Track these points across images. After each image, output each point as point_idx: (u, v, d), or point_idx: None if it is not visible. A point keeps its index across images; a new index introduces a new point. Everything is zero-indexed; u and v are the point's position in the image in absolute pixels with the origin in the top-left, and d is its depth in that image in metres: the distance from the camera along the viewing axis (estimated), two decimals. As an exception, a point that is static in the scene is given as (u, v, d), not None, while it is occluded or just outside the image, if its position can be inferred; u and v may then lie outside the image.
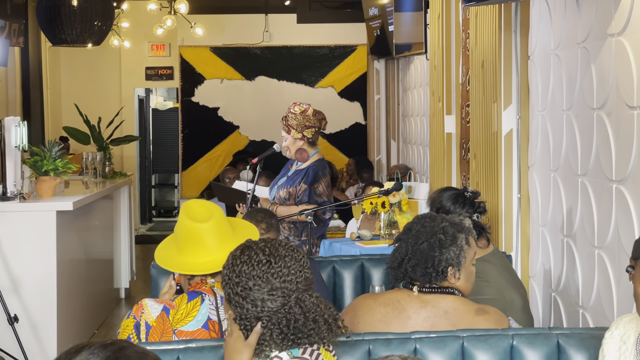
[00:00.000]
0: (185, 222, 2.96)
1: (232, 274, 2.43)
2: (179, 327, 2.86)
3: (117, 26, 11.25)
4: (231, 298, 2.43)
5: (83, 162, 8.02)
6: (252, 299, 2.39)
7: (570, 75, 4.15)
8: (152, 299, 2.93)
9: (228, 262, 2.47)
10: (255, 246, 2.46)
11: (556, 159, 4.37)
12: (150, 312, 2.87)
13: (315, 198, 5.41)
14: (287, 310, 2.39)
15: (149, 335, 2.85)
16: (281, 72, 11.16)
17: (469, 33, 5.57)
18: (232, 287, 2.42)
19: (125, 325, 2.89)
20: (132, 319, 2.88)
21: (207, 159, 11.25)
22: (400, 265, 2.98)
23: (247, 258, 2.43)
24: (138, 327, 2.86)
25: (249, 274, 2.40)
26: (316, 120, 5.49)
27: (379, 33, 9.18)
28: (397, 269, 2.99)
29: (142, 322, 2.86)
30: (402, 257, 2.97)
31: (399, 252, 2.99)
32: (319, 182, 5.43)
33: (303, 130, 5.45)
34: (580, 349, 2.87)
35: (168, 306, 2.89)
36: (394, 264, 3.00)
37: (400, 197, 5.27)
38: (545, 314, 4.60)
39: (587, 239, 3.94)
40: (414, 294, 2.96)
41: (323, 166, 5.52)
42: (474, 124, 5.45)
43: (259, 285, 2.39)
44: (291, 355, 2.37)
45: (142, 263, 10.45)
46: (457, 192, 3.84)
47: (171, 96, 15.52)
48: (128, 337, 2.86)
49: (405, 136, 9.14)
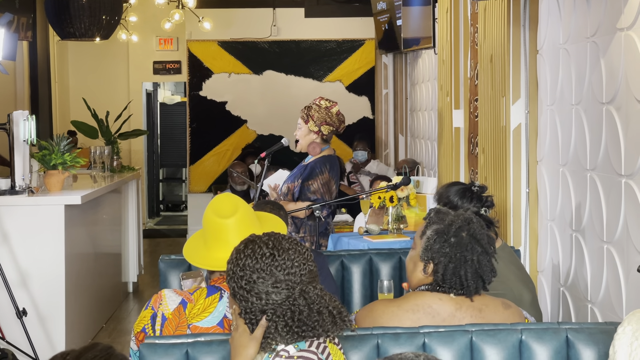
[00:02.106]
0: (210, 217, 2.95)
1: (236, 267, 2.44)
2: (194, 322, 2.85)
3: (125, 20, 11.25)
4: (236, 292, 2.44)
5: (91, 156, 8.03)
6: (256, 292, 2.40)
7: (579, 70, 4.14)
8: (171, 290, 2.92)
9: (232, 256, 2.48)
10: (259, 240, 2.47)
11: (565, 154, 4.36)
12: (168, 304, 2.86)
13: (308, 195, 5.35)
14: (292, 302, 2.40)
15: (164, 327, 2.84)
16: (289, 67, 11.14)
17: (478, 27, 5.56)
18: (237, 281, 2.43)
19: (143, 316, 2.88)
20: (150, 309, 2.87)
21: (214, 153, 11.25)
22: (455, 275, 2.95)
23: (251, 252, 2.44)
24: (154, 318, 2.86)
25: (253, 267, 2.41)
26: (337, 121, 5.48)
27: (387, 27, 9.17)
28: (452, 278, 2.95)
29: (159, 314, 2.85)
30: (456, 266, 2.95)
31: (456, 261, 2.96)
32: (315, 179, 5.39)
33: (321, 125, 5.43)
34: (589, 343, 2.87)
35: (186, 299, 2.88)
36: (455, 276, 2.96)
37: (408, 192, 5.26)
38: (553, 309, 4.59)
39: (596, 233, 3.93)
40: (451, 296, 2.94)
41: (325, 163, 5.45)
42: (483, 119, 5.44)
43: (263, 278, 2.40)
44: (298, 348, 2.37)
45: (150, 257, 10.47)
46: (465, 187, 3.83)
47: (179, 90, 15.52)
48: (143, 328, 2.85)
49: (413, 131, 9.13)
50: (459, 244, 2.93)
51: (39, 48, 10.63)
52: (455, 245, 2.93)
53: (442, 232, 2.97)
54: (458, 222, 2.97)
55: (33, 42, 10.19)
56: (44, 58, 10.96)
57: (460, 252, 2.92)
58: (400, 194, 5.24)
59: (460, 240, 2.93)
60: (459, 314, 2.91)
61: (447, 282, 2.92)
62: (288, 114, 10.51)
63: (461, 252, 2.92)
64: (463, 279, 2.91)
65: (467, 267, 2.90)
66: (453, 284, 2.92)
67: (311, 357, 2.34)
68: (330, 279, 4.10)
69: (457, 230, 2.95)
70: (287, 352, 2.36)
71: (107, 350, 2.00)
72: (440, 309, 2.91)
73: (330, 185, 5.46)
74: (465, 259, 2.91)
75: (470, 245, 2.92)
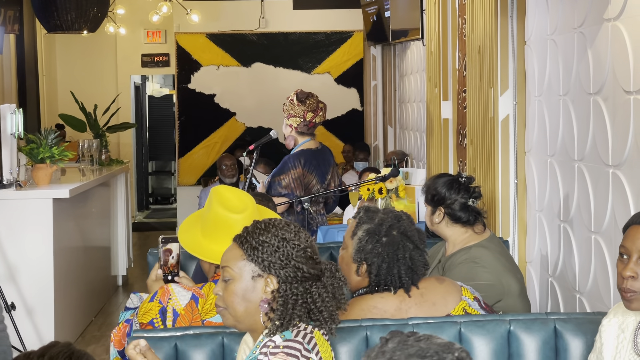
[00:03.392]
0: (218, 211, 2.91)
1: (274, 239, 2.41)
2: (208, 317, 2.83)
3: (112, 13, 11.22)
4: (272, 264, 2.40)
5: (79, 149, 8.01)
6: (294, 261, 2.40)
7: (566, 61, 4.14)
8: (178, 285, 2.89)
9: (264, 233, 2.43)
10: (277, 222, 2.47)
11: (553, 144, 4.36)
12: (179, 300, 2.84)
13: (278, 189, 5.29)
14: (330, 275, 2.44)
15: (176, 323, 2.82)
16: (277, 59, 11.13)
17: (465, 18, 5.56)
18: (282, 248, 2.40)
19: (148, 309, 2.85)
20: (158, 303, 2.84)
21: (204, 145, 11.24)
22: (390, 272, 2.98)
23: (285, 224, 2.45)
24: (164, 312, 2.83)
25: (295, 237, 2.43)
26: (301, 111, 5.39)
27: (375, 19, 9.16)
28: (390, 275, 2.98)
29: (169, 309, 2.83)
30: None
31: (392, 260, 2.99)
32: (286, 173, 5.30)
33: (290, 118, 5.41)
34: (578, 333, 2.88)
35: (197, 294, 2.85)
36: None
37: (397, 183, 5.26)
38: (542, 299, 4.61)
39: (584, 224, 3.94)
40: (387, 293, 2.97)
41: (298, 158, 5.34)
42: (471, 110, 5.44)
43: (301, 245, 2.43)
44: (284, 338, 2.36)
45: (139, 250, 10.46)
46: (452, 178, 3.84)
47: (167, 83, 15.49)
48: (151, 321, 2.83)
49: (402, 122, 9.13)
50: (390, 243, 2.95)
51: (26, 41, 10.59)
52: (387, 244, 2.95)
53: (374, 232, 2.98)
54: (388, 221, 2.99)
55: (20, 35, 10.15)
56: (31, 51, 10.92)
57: (392, 251, 2.94)
58: (389, 185, 5.25)
59: (392, 239, 2.95)
60: (404, 306, 2.93)
61: (382, 281, 2.95)
62: (277, 107, 10.43)
63: (394, 251, 2.94)
64: (396, 277, 2.93)
65: (400, 264, 2.93)
66: (389, 282, 2.95)
67: (297, 346, 2.34)
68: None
69: (388, 229, 2.97)
70: (274, 342, 2.36)
71: (68, 347, 2.05)
72: (385, 307, 2.93)
73: (303, 180, 5.36)
74: (397, 257, 2.94)
75: (402, 243, 2.95)
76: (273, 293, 2.39)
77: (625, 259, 2.40)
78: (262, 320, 2.41)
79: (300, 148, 5.42)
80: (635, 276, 2.37)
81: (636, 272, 2.37)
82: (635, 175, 3.38)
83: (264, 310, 2.40)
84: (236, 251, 2.44)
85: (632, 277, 2.37)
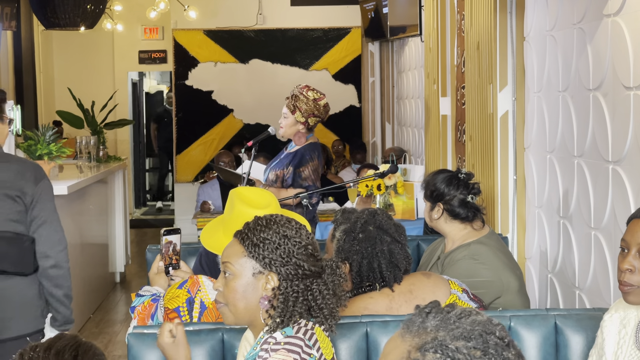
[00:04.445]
0: (241, 209, 2.89)
1: (275, 236, 2.40)
2: None
3: (109, 9, 11.20)
4: (274, 261, 2.39)
5: (77, 146, 8.00)
6: (295, 259, 2.39)
7: (566, 56, 4.14)
8: (207, 278, 2.88)
9: (267, 230, 2.41)
10: (277, 217, 2.46)
11: (552, 141, 4.36)
12: (208, 293, 2.83)
13: (299, 182, 5.30)
14: (332, 270, 2.43)
15: (202, 316, 2.82)
16: (275, 55, 11.12)
17: (464, 14, 5.55)
18: (285, 244, 2.39)
19: (176, 295, 2.83)
20: (186, 292, 2.83)
21: (201, 142, 11.22)
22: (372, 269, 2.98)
23: (287, 221, 2.44)
24: (192, 303, 2.82)
25: (296, 234, 2.42)
26: (324, 112, 5.41)
27: (373, 15, 9.15)
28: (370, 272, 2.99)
29: (197, 300, 2.82)
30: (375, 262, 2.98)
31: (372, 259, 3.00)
32: (306, 165, 5.34)
33: (309, 117, 5.36)
34: (578, 329, 2.88)
35: None
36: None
37: (395, 180, 5.26)
38: (541, 295, 4.61)
39: (584, 220, 3.94)
40: (376, 292, 2.97)
41: (313, 149, 5.41)
42: (470, 106, 5.44)
43: (302, 242, 2.42)
44: (285, 335, 2.36)
45: (137, 247, 10.45)
46: (451, 174, 3.83)
47: (165, 80, 15.47)
48: (177, 308, 2.82)
49: (400, 118, 9.12)
50: (367, 238, 2.97)
51: (24, 38, 10.57)
52: (364, 240, 2.97)
53: (350, 231, 3.01)
54: (363, 218, 3.02)
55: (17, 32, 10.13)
56: (28, 48, 10.90)
57: (370, 246, 2.96)
58: (387, 182, 5.24)
59: (368, 234, 2.97)
60: (394, 305, 2.94)
61: (364, 278, 2.96)
62: (274, 103, 10.47)
63: (372, 246, 2.96)
64: (377, 272, 2.94)
65: (380, 259, 2.95)
66: (371, 279, 2.95)
67: (298, 342, 2.33)
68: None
69: (363, 225, 2.99)
70: (275, 339, 2.35)
71: (75, 340, 2.04)
72: (376, 307, 2.94)
73: (318, 172, 5.43)
74: (376, 251, 2.95)
75: (379, 237, 2.97)
76: (274, 290, 2.38)
77: (625, 253, 2.41)
78: (262, 317, 2.41)
79: (308, 142, 5.44)
80: (632, 269, 2.37)
81: (634, 266, 2.37)
82: (635, 171, 3.38)
83: (264, 307, 2.39)
84: (237, 247, 2.44)
85: (630, 270, 2.38)
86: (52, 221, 3.51)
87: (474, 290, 3.28)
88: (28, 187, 3.45)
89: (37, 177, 3.49)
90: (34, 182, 3.47)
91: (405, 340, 1.41)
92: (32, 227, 3.46)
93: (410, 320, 1.44)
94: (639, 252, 2.37)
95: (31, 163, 3.63)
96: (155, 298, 2.95)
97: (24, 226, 3.45)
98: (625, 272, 2.38)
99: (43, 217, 3.47)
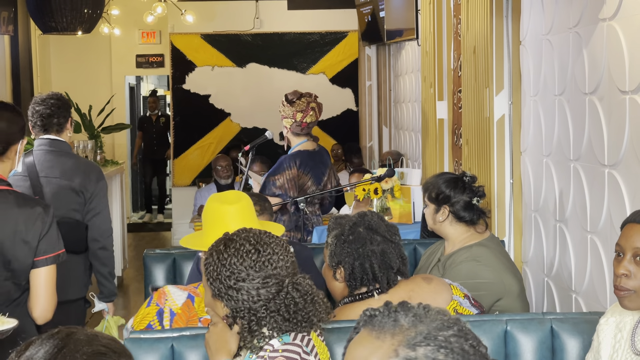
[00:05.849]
0: (213, 205, 2.94)
1: (221, 268, 2.40)
2: (205, 315, 2.84)
3: (107, 14, 11.20)
4: (222, 293, 2.40)
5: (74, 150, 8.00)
6: (246, 290, 2.38)
7: (562, 60, 4.15)
8: (174, 286, 2.91)
9: (213, 257, 2.44)
10: (238, 237, 2.44)
11: (548, 144, 4.37)
12: (175, 300, 2.85)
13: (272, 189, 5.25)
14: (285, 295, 2.38)
15: (173, 323, 2.83)
16: (272, 59, 11.12)
17: (461, 18, 5.56)
18: (223, 281, 2.39)
19: (146, 313, 2.86)
20: (155, 306, 2.85)
21: (198, 146, 11.23)
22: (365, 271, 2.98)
23: (235, 250, 2.41)
24: (161, 314, 2.84)
25: (240, 265, 2.39)
26: (290, 112, 5.36)
27: (370, 19, 9.16)
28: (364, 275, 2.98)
29: (167, 309, 2.83)
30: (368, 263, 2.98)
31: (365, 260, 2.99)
32: (281, 173, 5.27)
33: (282, 120, 5.39)
34: (574, 333, 2.88)
35: (192, 294, 2.87)
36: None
37: (392, 184, 5.27)
38: (538, 299, 4.61)
39: (580, 223, 3.94)
40: (374, 298, 2.96)
41: (294, 159, 5.29)
42: (466, 110, 5.44)
43: (252, 275, 2.38)
44: (282, 342, 2.36)
45: (134, 251, 10.44)
46: (456, 177, 3.83)
47: (162, 84, 15.47)
48: (149, 324, 2.83)
49: (397, 122, 9.13)
50: (357, 240, 2.98)
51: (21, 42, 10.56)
52: (354, 241, 2.98)
53: (340, 234, 3.02)
54: (353, 220, 3.02)
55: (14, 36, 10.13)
56: (25, 52, 10.89)
57: (361, 247, 2.96)
58: (384, 185, 5.25)
59: (357, 236, 2.98)
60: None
61: (358, 280, 2.95)
62: (271, 107, 10.44)
63: (362, 247, 2.96)
64: (370, 272, 2.94)
65: (372, 259, 2.95)
66: (365, 281, 2.95)
67: (296, 349, 2.34)
68: (316, 272, 4.10)
69: (352, 227, 3.00)
70: (272, 346, 2.35)
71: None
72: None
73: (298, 181, 5.32)
74: (366, 251, 2.94)
75: (369, 237, 2.97)
76: (228, 316, 2.44)
77: (620, 257, 2.41)
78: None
79: (296, 149, 5.39)
80: (628, 274, 2.37)
81: (629, 270, 2.37)
82: (630, 174, 3.39)
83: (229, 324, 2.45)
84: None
85: (625, 275, 2.37)
86: (104, 213, 4.35)
87: (475, 291, 3.28)
88: (90, 185, 4.29)
89: (98, 177, 4.35)
90: (96, 182, 4.31)
91: (384, 340, 1.39)
92: (87, 216, 4.29)
93: (378, 321, 1.43)
94: (634, 257, 2.37)
95: (95, 166, 4.54)
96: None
97: (81, 215, 4.27)
98: (621, 277, 2.38)
99: (97, 210, 4.31)
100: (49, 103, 4.40)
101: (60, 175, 4.27)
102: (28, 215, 3.15)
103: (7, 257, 3.12)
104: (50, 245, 3.17)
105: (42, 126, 4.38)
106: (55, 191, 4.24)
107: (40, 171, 4.25)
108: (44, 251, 3.15)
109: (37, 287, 3.15)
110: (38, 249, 3.14)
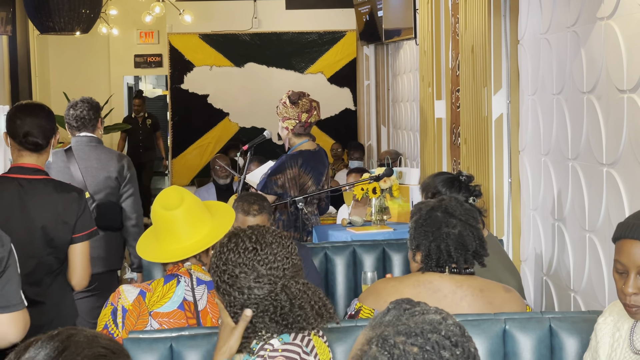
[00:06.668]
0: (157, 210, 2.99)
1: (219, 262, 2.43)
2: (154, 309, 2.87)
3: (105, 14, 11.20)
4: (219, 286, 2.43)
5: (73, 150, 7.98)
6: (238, 287, 2.39)
7: (560, 60, 4.15)
8: (129, 285, 2.96)
9: (216, 250, 2.47)
10: (242, 234, 2.45)
11: (547, 143, 4.37)
12: (127, 297, 2.89)
13: (274, 189, 5.24)
14: (274, 297, 2.38)
15: (125, 319, 2.86)
16: (270, 59, 11.13)
17: (459, 18, 5.57)
18: (220, 275, 2.42)
19: (103, 315, 2.91)
20: (110, 306, 2.90)
21: (197, 146, 11.23)
22: (439, 248, 2.98)
23: (234, 245, 2.42)
24: (115, 312, 2.88)
25: (235, 261, 2.40)
26: (295, 113, 5.34)
27: (368, 18, 9.16)
28: (438, 250, 2.99)
29: (119, 307, 2.88)
30: (441, 240, 2.98)
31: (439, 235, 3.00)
32: (282, 173, 5.25)
33: (284, 121, 5.37)
34: (573, 332, 2.88)
35: (144, 290, 2.91)
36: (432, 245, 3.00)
37: (391, 183, 5.26)
38: (536, 298, 4.61)
39: (578, 222, 3.95)
40: (446, 274, 2.97)
41: (296, 159, 5.27)
42: (464, 109, 5.45)
43: (245, 273, 2.39)
44: (282, 342, 2.36)
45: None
46: (452, 177, 3.84)
47: (160, 83, 15.48)
48: (105, 325, 2.86)
49: (395, 122, 9.13)
50: (433, 222, 2.99)
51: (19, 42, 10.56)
52: (430, 224, 3.00)
53: (418, 219, 3.05)
54: (430, 204, 3.05)
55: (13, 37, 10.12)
56: (24, 52, 10.88)
57: (437, 229, 2.98)
58: (383, 185, 5.24)
59: (434, 219, 3.00)
60: (460, 292, 2.94)
61: (433, 260, 2.97)
62: (270, 107, 10.42)
63: (438, 229, 2.97)
64: (445, 253, 2.95)
65: (448, 240, 2.96)
66: (442, 261, 2.96)
67: (296, 349, 2.34)
68: (314, 271, 4.10)
69: (429, 211, 3.03)
70: (272, 346, 2.35)
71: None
72: (441, 285, 2.94)
73: (298, 181, 5.31)
74: (442, 233, 2.96)
75: (445, 220, 2.99)
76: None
77: (624, 275, 2.39)
78: None
79: (298, 148, 5.37)
80: (638, 292, 2.36)
81: (638, 288, 2.36)
82: (629, 173, 3.39)
83: None
84: None
85: (635, 293, 2.37)
86: (136, 196, 4.95)
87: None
88: (123, 172, 4.92)
89: (128, 165, 4.97)
90: (128, 169, 4.95)
91: (365, 332, 1.52)
92: (121, 198, 4.90)
93: (375, 316, 1.55)
94: (638, 274, 2.36)
95: (125, 156, 5.09)
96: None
97: (116, 197, 4.88)
98: (632, 296, 2.37)
99: (130, 192, 4.93)
100: (82, 106, 5.05)
101: (98, 165, 4.88)
102: (66, 199, 3.61)
103: (50, 236, 3.57)
104: (85, 224, 3.65)
105: (77, 126, 5.04)
106: (95, 179, 4.84)
107: (80, 163, 4.88)
108: (80, 229, 3.63)
109: (75, 260, 3.63)
110: (75, 228, 3.61)
